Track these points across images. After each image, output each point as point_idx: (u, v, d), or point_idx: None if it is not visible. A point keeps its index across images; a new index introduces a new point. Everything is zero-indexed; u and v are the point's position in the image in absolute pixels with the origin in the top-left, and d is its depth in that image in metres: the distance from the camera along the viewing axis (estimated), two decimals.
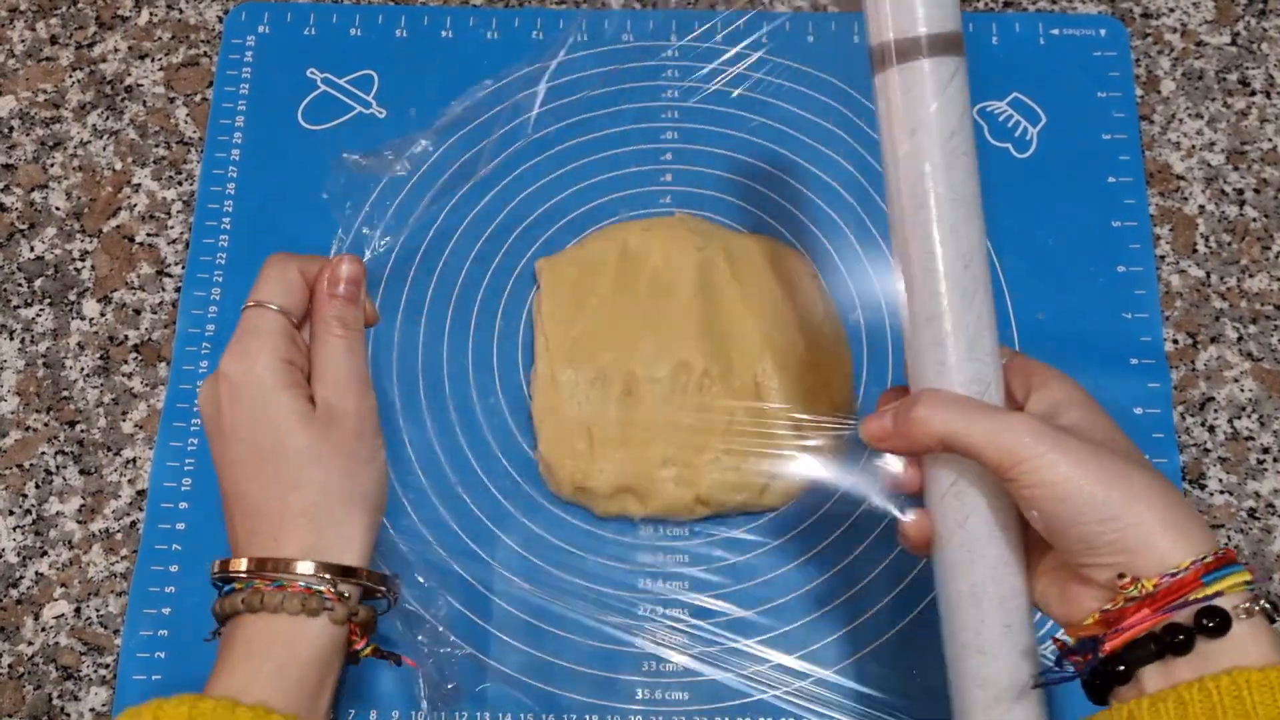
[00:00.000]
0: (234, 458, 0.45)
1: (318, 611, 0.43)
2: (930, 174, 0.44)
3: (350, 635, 0.45)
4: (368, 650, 0.46)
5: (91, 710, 0.60)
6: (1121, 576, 0.39)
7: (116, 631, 0.61)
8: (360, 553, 0.46)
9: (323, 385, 0.46)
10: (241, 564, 0.44)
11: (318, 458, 0.45)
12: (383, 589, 0.47)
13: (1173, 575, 0.39)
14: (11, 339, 0.67)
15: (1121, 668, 0.40)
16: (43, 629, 0.61)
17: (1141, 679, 0.39)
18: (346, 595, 0.45)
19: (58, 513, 0.63)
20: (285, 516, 0.44)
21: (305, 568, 0.44)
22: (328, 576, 0.44)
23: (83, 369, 0.66)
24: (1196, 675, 0.38)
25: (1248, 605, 0.39)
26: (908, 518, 0.46)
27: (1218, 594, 0.39)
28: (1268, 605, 0.40)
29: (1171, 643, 0.39)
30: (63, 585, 0.62)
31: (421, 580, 0.61)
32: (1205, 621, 0.38)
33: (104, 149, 0.71)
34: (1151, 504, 0.40)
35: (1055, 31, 0.73)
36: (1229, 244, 0.69)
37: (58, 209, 0.70)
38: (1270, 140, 0.71)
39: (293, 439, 0.45)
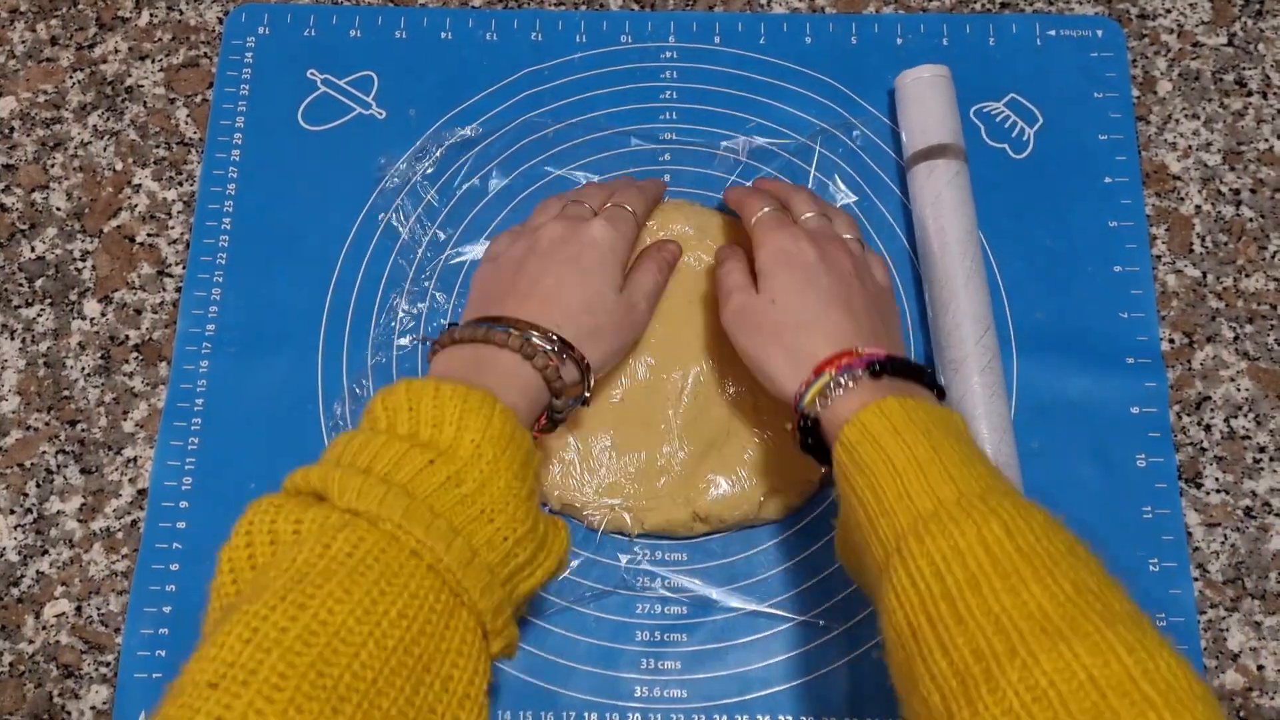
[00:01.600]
0: (561, 268, 0.57)
1: (555, 380, 0.53)
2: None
3: (542, 413, 0.55)
4: (549, 425, 0.56)
5: (92, 708, 0.60)
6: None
7: (117, 630, 0.61)
8: (597, 362, 0.57)
9: (633, 287, 0.60)
10: (519, 316, 0.55)
11: (610, 310, 0.58)
12: (587, 387, 0.57)
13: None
14: (13, 339, 0.67)
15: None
16: (43, 627, 0.62)
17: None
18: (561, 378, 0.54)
19: (59, 511, 0.64)
20: (571, 319, 0.56)
21: (563, 343, 0.55)
22: (575, 352, 0.55)
23: (84, 368, 0.67)
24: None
25: (823, 392, 0.52)
26: None
27: (805, 408, 0.53)
28: (864, 374, 0.52)
29: (804, 442, 0.54)
30: (63, 584, 0.62)
31: None
32: (802, 430, 0.53)
33: (104, 149, 0.72)
34: (782, 355, 0.55)
35: (1052, 32, 0.73)
36: (1225, 244, 0.69)
37: (58, 209, 0.70)
38: (1267, 140, 0.71)
39: (609, 289, 0.58)
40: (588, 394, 0.56)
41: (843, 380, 0.52)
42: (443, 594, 0.42)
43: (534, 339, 0.53)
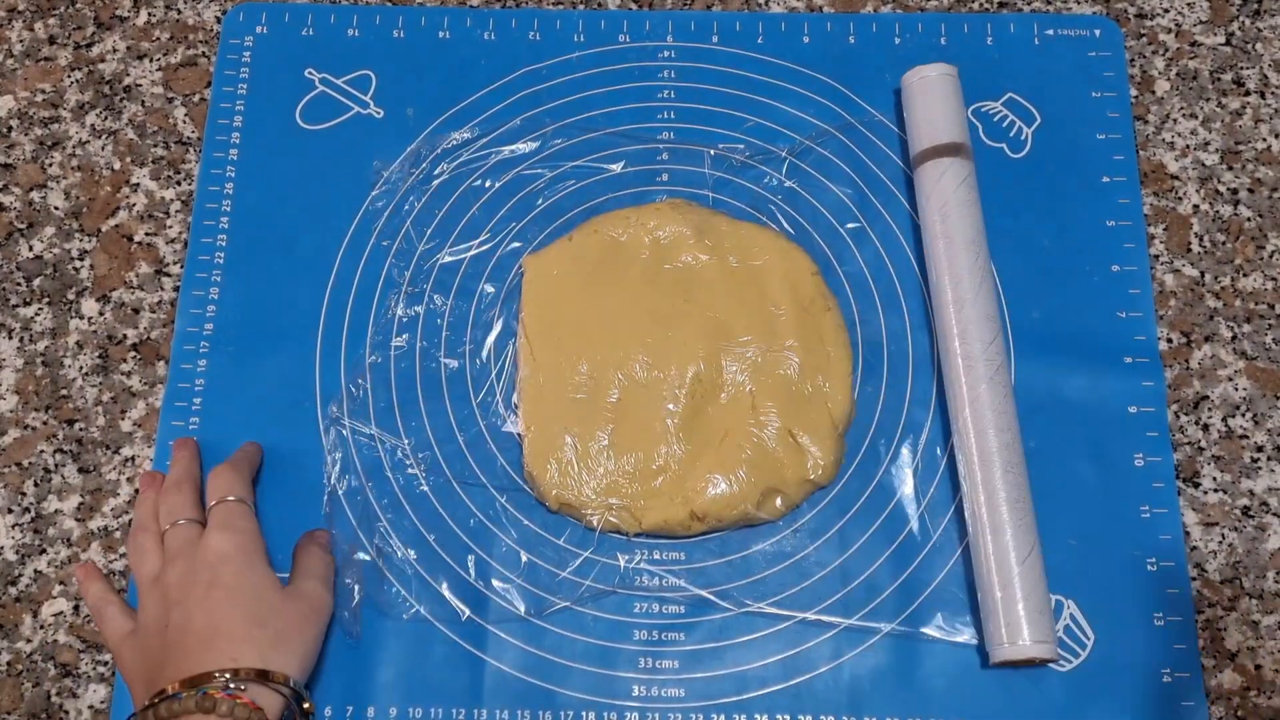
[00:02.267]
0: (218, 602, 0.54)
1: (213, 709, 0.50)
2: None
3: None
4: None
5: (90, 708, 0.60)
6: None
7: None
8: (296, 674, 0.54)
9: (301, 576, 0.59)
10: (196, 678, 0.52)
11: (280, 609, 0.56)
12: (305, 706, 0.55)
13: None
14: (10, 338, 0.67)
15: None
16: (41, 626, 0.62)
17: None
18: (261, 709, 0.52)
19: (56, 511, 0.64)
20: (248, 639, 0.53)
21: (252, 675, 0.52)
22: (271, 676, 0.53)
23: (81, 368, 0.67)
24: None
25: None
26: None
27: None
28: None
29: None
30: (61, 583, 0.62)
31: (424, 577, 0.61)
32: None
33: (102, 149, 0.72)
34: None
35: (1050, 32, 0.73)
36: (1223, 243, 0.69)
37: (56, 208, 0.70)
38: (1264, 140, 0.72)
39: (268, 589, 0.56)
40: (306, 705, 0.54)
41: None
42: None
43: (208, 690, 0.51)
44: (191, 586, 0.55)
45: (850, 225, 0.69)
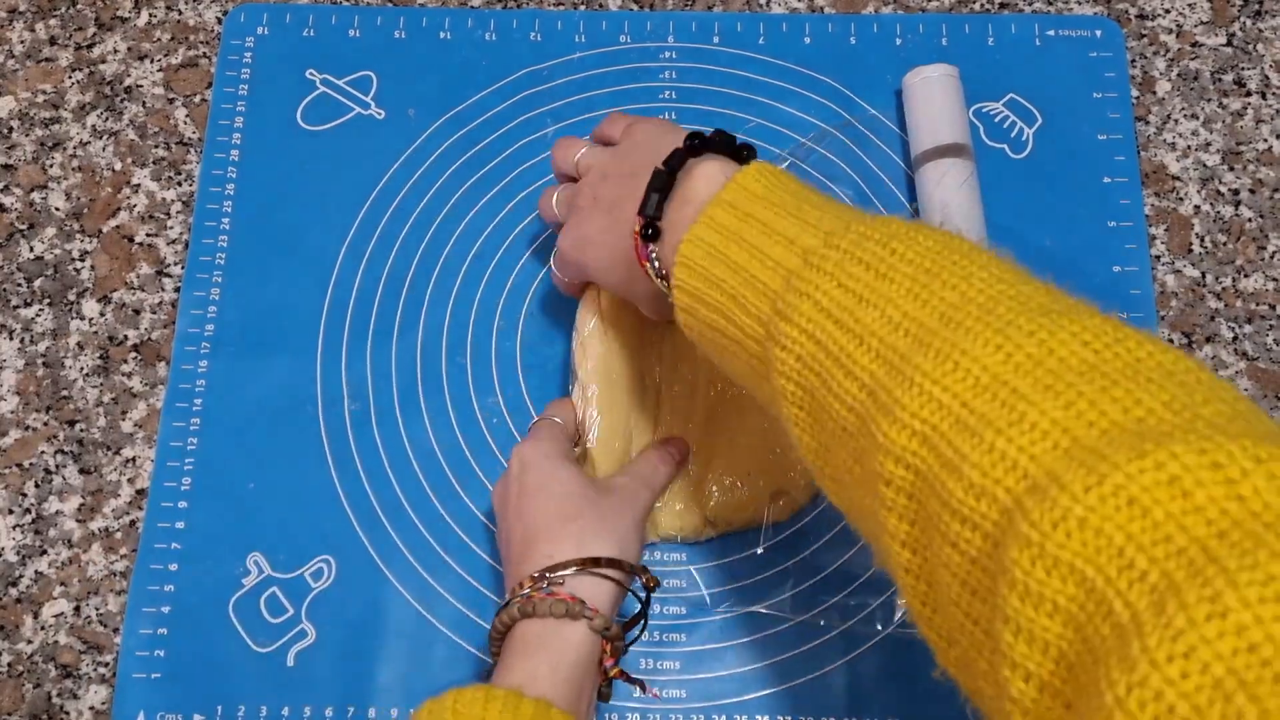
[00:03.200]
0: (528, 508, 0.55)
1: (579, 616, 0.50)
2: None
3: (603, 649, 0.51)
4: (615, 671, 0.52)
5: (91, 709, 0.60)
6: None
7: (116, 630, 0.61)
8: (615, 547, 0.54)
9: (620, 473, 0.59)
10: (524, 582, 0.52)
11: (588, 498, 0.55)
12: (643, 580, 0.54)
13: None
14: (11, 339, 0.67)
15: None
16: (42, 627, 0.62)
17: None
18: (600, 611, 0.51)
19: (57, 512, 0.64)
20: (562, 536, 0.53)
21: (570, 565, 0.52)
22: (591, 565, 0.52)
23: (82, 368, 0.67)
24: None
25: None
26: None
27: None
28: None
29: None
30: (62, 584, 0.62)
31: (424, 576, 0.61)
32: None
33: (103, 149, 0.72)
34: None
35: (1051, 33, 0.73)
36: (1224, 244, 0.69)
37: (57, 209, 0.70)
38: (1266, 140, 0.72)
39: (573, 482, 0.56)
40: (647, 580, 0.54)
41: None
42: None
43: (515, 603, 0.51)
44: (505, 501, 0.56)
45: None
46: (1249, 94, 0.73)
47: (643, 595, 0.54)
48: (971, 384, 0.37)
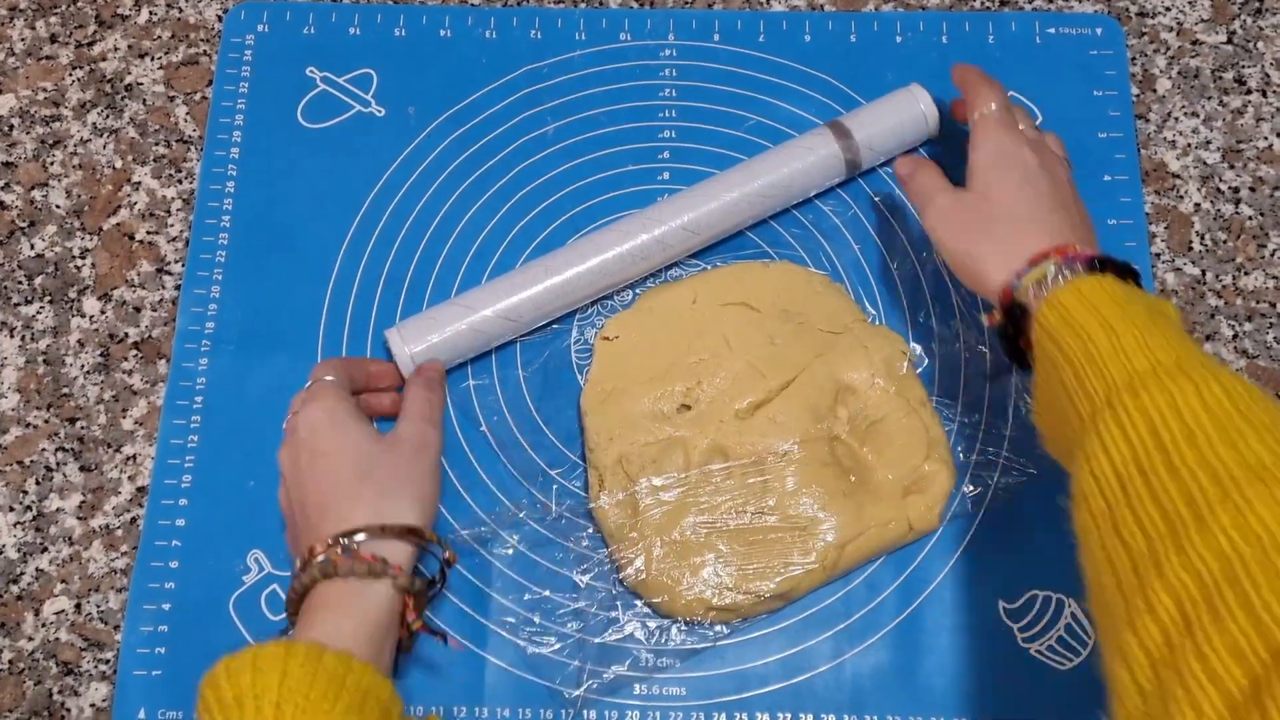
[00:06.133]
0: (321, 469, 0.55)
1: (381, 575, 0.51)
2: None
3: (405, 605, 0.53)
4: (418, 624, 0.53)
5: (92, 706, 0.60)
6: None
7: (116, 627, 0.61)
8: (415, 520, 0.54)
9: (401, 420, 0.59)
10: (319, 546, 0.53)
11: (379, 458, 0.56)
12: (441, 550, 0.55)
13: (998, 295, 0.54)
14: (12, 336, 0.67)
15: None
16: (43, 625, 0.62)
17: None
18: (402, 569, 0.53)
19: (58, 509, 0.64)
20: (357, 498, 0.54)
21: (370, 531, 0.53)
22: (387, 530, 0.53)
23: (83, 366, 0.67)
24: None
25: (1038, 281, 0.52)
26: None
27: (1017, 293, 0.53)
28: (1083, 268, 0.52)
29: (1009, 349, 0.55)
30: (63, 581, 0.62)
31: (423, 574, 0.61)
32: (1012, 316, 0.53)
33: (104, 147, 0.72)
34: (994, 247, 0.55)
35: (1051, 30, 0.73)
36: (1224, 242, 0.69)
37: (58, 207, 0.70)
38: (1266, 138, 0.71)
39: (364, 441, 0.56)
40: (448, 555, 0.55)
41: (1065, 272, 0.52)
42: None
43: (315, 567, 0.52)
44: (296, 465, 0.57)
45: (849, 225, 0.69)
46: (1249, 92, 0.73)
47: (442, 556, 0.55)
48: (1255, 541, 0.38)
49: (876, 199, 0.70)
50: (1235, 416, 0.42)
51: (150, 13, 0.75)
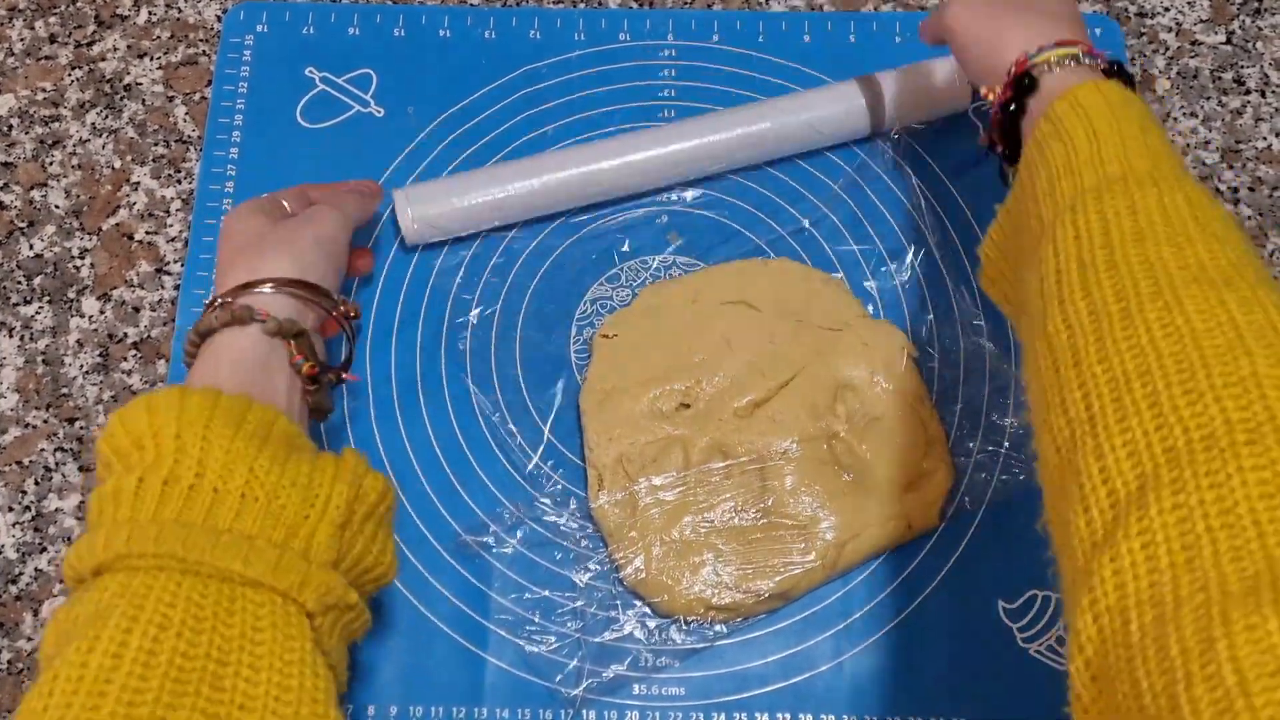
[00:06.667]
0: (219, 251, 0.57)
1: (246, 321, 0.51)
2: None
3: (288, 349, 0.52)
4: (307, 367, 0.52)
5: None
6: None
7: None
8: (289, 271, 0.54)
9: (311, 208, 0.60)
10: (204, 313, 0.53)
11: (266, 231, 0.56)
12: (337, 310, 0.56)
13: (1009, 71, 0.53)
14: (11, 336, 0.67)
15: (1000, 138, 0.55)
16: (42, 625, 0.62)
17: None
18: (270, 314, 0.52)
19: (57, 509, 0.64)
20: (233, 265, 0.55)
21: (242, 288, 0.53)
22: (253, 284, 0.53)
23: (82, 366, 0.67)
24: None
25: (1059, 60, 0.51)
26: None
27: (1034, 65, 0.52)
28: (1102, 64, 0.52)
29: (1008, 111, 0.53)
30: (62, 581, 0.62)
31: (423, 574, 0.62)
32: (1023, 83, 0.52)
33: (103, 147, 0.72)
34: (1021, 31, 0.54)
35: None
36: None
37: (57, 207, 0.70)
38: (1265, 139, 0.72)
39: (263, 225, 0.57)
40: (346, 310, 0.56)
41: (1083, 59, 0.51)
42: (204, 589, 0.42)
43: (207, 314, 0.52)
44: (225, 239, 0.58)
45: (848, 224, 0.69)
46: (1248, 92, 0.73)
47: (336, 309, 0.56)
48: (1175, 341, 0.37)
49: (876, 198, 0.70)
50: (1190, 223, 0.42)
51: (149, 13, 0.75)
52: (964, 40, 0.58)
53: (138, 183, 0.71)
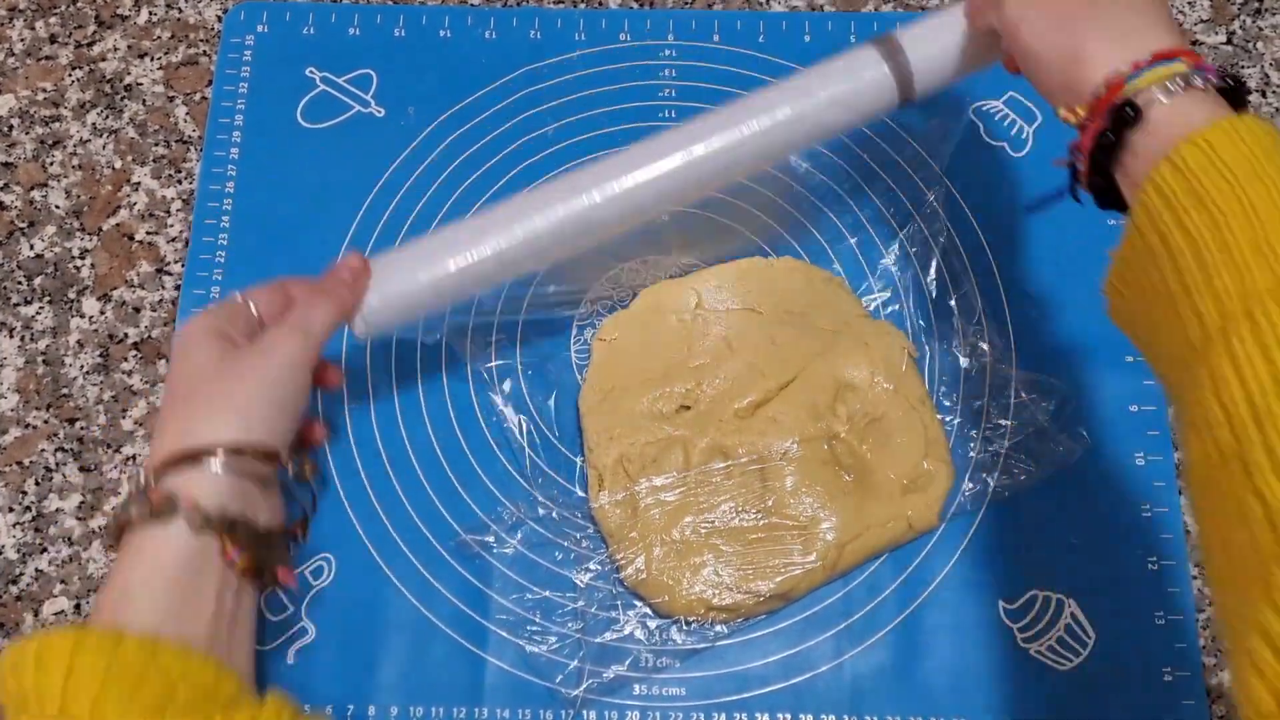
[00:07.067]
0: (164, 396, 0.49)
1: (168, 516, 0.43)
2: None
3: (221, 544, 0.45)
4: (240, 565, 0.45)
5: None
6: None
7: None
8: (231, 434, 0.46)
9: (273, 325, 0.51)
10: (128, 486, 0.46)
11: (212, 375, 0.47)
12: (294, 467, 0.48)
13: (1097, 94, 0.45)
14: (11, 336, 0.67)
15: (1095, 174, 0.47)
16: (42, 625, 0.62)
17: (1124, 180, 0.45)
18: (196, 504, 0.44)
19: (57, 509, 0.64)
20: (166, 424, 0.46)
21: (166, 462, 0.45)
22: (181, 455, 0.45)
23: (82, 366, 0.67)
24: (1146, 164, 0.42)
25: (1166, 83, 0.43)
26: None
27: (1136, 90, 0.43)
28: (1216, 81, 0.43)
29: (1104, 145, 0.44)
30: (62, 582, 0.62)
31: (424, 574, 0.61)
32: (1124, 114, 0.43)
33: (103, 147, 0.72)
34: (1101, 32, 0.45)
35: None
36: None
37: (57, 207, 0.70)
38: None
39: (207, 362, 0.48)
40: (307, 468, 0.49)
41: (1195, 79, 0.42)
42: None
43: (128, 499, 0.45)
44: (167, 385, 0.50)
45: (849, 224, 0.69)
46: (1249, 92, 0.73)
47: (289, 473, 0.48)
48: None
49: (877, 198, 0.70)
50: None
51: (150, 13, 0.75)
52: (1030, 46, 0.48)
53: (138, 183, 0.71)
